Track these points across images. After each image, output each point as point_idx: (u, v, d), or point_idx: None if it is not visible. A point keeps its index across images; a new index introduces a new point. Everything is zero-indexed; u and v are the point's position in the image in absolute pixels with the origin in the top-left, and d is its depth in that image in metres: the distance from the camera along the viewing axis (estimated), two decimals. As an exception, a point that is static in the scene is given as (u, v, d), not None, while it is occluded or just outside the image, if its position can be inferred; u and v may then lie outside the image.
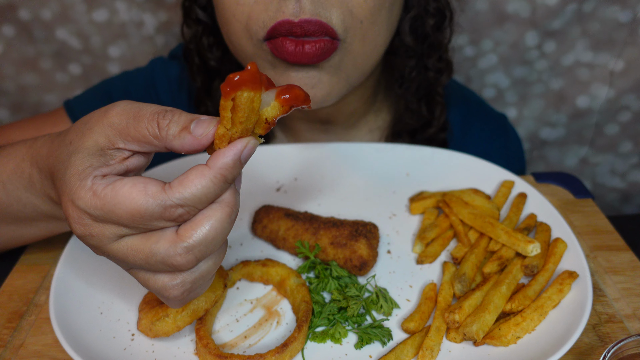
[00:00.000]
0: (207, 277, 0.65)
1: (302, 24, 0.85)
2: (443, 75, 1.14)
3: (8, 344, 0.82)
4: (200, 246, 0.60)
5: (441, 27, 1.09)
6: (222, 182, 0.59)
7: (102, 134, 0.63)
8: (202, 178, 0.58)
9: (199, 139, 0.60)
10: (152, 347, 0.78)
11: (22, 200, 0.79)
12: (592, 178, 1.79)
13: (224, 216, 0.60)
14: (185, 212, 0.59)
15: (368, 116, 1.23)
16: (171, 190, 0.58)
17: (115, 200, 0.58)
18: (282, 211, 0.97)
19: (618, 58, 1.54)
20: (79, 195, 0.60)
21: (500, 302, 0.79)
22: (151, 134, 0.61)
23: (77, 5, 1.55)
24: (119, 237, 0.61)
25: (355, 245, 0.88)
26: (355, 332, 0.80)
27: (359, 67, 0.98)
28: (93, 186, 0.60)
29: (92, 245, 0.63)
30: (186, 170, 0.59)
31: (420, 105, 1.17)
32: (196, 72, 1.19)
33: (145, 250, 0.60)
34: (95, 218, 0.60)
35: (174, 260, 0.60)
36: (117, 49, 1.64)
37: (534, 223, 0.95)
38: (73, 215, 0.61)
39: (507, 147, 1.34)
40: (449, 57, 1.15)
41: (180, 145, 0.61)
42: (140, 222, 0.59)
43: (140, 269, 0.64)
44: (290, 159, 1.13)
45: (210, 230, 0.60)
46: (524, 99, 1.68)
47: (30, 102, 1.72)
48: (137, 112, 0.62)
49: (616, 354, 0.69)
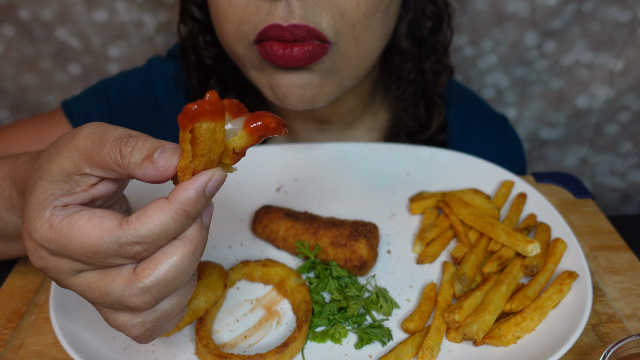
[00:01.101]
0: (171, 316, 0.61)
1: (290, 28, 0.85)
2: (441, 77, 1.14)
3: (8, 343, 0.82)
4: (158, 287, 0.56)
5: (438, 30, 1.09)
6: (183, 218, 0.55)
7: (68, 158, 0.60)
8: (160, 213, 0.54)
9: (160, 170, 0.56)
10: (152, 347, 0.78)
11: (4, 219, 0.78)
12: (592, 178, 1.80)
13: (186, 254, 0.56)
14: (143, 250, 0.55)
15: (365, 116, 1.23)
16: (127, 227, 0.54)
17: (70, 234, 0.55)
18: (282, 211, 0.97)
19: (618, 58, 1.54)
20: (35, 227, 0.57)
21: (500, 302, 0.79)
22: (113, 161, 0.58)
23: (77, 5, 1.55)
24: (77, 272, 0.58)
25: (355, 245, 0.88)
26: (355, 332, 0.80)
27: (352, 70, 0.97)
28: (51, 217, 0.57)
29: (52, 277, 0.60)
30: (146, 205, 0.56)
31: (418, 107, 1.17)
32: (192, 70, 1.19)
33: (101, 289, 0.57)
34: (51, 252, 0.57)
35: (129, 301, 0.56)
36: (117, 49, 1.65)
37: (533, 223, 0.95)
38: (30, 248, 0.58)
39: (507, 148, 1.34)
40: (446, 60, 1.14)
41: (143, 175, 0.57)
42: (95, 258, 0.56)
43: (100, 306, 0.61)
44: (290, 159, 1.13)
45: (169, 269, 0.56)
46: (524, 99, 1.68)
47: (30, 103, 1.72)
48: (101, 137, 0.59)
49: (616, 354, 0.69)
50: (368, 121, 1.25)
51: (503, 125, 1.37)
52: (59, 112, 1.25)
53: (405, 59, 1.10)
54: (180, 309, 0.62)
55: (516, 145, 1.38)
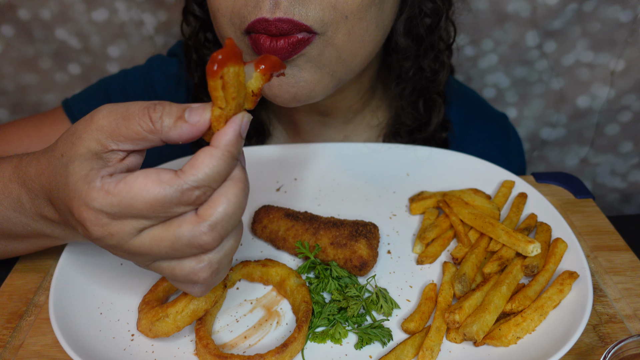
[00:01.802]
0: (230, 256, 0.66)
1: (276, 22, 0.85)
2: (439, 75, 1.13)
3: (7, 344, 0.81)
4: (222, 222, 0.61)
5: (436, 28, 1.08)
6: (230, 159, 0.60)
7: (92, 139, 0.63)
8: (211, 158, 0.59)
9: (196, 125, 0.61)
10: (151, 347, 0.78)
11: (12, 219, 0.79)
12: (593, 178, 1.79)
13: (239, 191, 0.62)
14: (202, 194, 0.60)
15: (365, 112, 1.23)
16: (185, 175, 0.59)
17: (132, 193, 0.58)
18: (282, 211, 0.97)
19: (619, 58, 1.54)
20: (91, 196, 0.59)
21: (500, 302, 0.79)
22: (145, 130, 0.61)
23: (76, 5, 1.55)
24: (139, 232, 0.61)
25: (355, 245, 0.88)
26: (355, 333, 0.80)
27: (344, 63, 0.95)
28: (104, 185, 0.60)
29: (111, 245, 0.63)
30: (193, 155, 0.60)
31: (417, 105, 1.17)
32: (193, 68, 1.19)
33: (170, 237, 0.61)
34: (112, 216, 0.60)
35: (200, 239, 0.60)
36: (117, 49, 1.64)
37: (534, 223, 0.95)
38: (90, 218, 0.60)
39: (507, 147, 1.34)
40: (445, 58, 1.13)
41: (178, 135, 0.61)
42: (161, 210, 0.59)
43: (165, 260, 0.64)
44: (290, 159, 1.13)
45: (229, 205, 0.61)
46: (525, 99, 1.68)
47: (29, 102, 1.72)
48: (124, 112, 0.62)
49: (617, 354, 0.69)
50: (368, 118, 1.25)
51: (503, 124, 1.36)
52: (59, 110, 1.25)
53: (404, 57, 1.09)
54: (236, 249, 0.67)
55: (516, 143, 1.38)
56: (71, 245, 0.91)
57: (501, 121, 1.37)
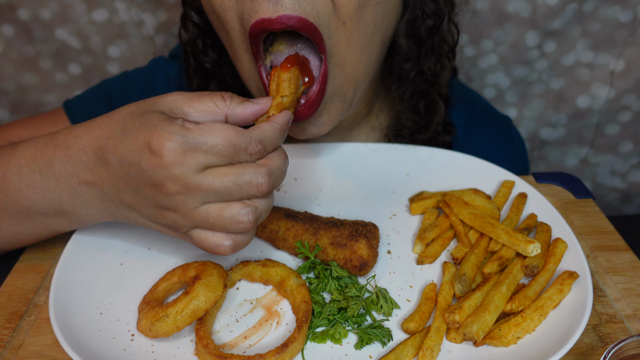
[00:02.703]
0: (268, 212, 0.78)
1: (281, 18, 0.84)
2: (440, 78, 1.12)
3: (7, 344, 0.81)
4: (275, 173, 0.75)
5: (438, 30, 1.07)
6: (282, 133, 0.77)
7: (165, 105, 0.73)
8: (272, 127, 0.75)
9: (261, 105, 0.76)
10: (151, 347, 0.78)
11: (34, 183, 0.81)
12: (593, 178, 1.79)
13: (284, 159, 0.77)
14: (262, 149, 0.74)
15: (369, 117, 1.23)
16: (252, 131, 0.73)
17: (213, 129, 0.70)
18: (282, 211, 0.97)
19: (619, 58, 1.54)
20: (174, 129, 0.69)
21: (500, 302, 0.79)
22: (215, 103, 0.74)
23: (76, 5, 1.55)
24: (205, 168, 0.70)
25: (355, 245, 0.88)
26: (355, 333, 0.80)
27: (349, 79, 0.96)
28: (185, 124, 0.70)
29: (174, 176, 0.70)
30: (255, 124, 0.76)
31: (418, 107, 1.16)
32: (192, 74, 1.20)
33: (234, 173, 0.71)
34: (189, 146, 0.69)
35: (258, 179, 0.72)
36: (117, 49, 1.64)
37: (534, 223, 0.95)
38: (168, 145, 0.68)
39: (511, 149, 1.33)
40: (446, 60, 1.12)
41: (243, 110, 0.75)
42: (232, 150, 0.71)
43: (215, 202, 0.73)
44: (290, 159, 1.12)
45: (281, 163, 0.76)
46: (524, 99, 1.68)
47: (29, 102, 1.72)
48: (197, 93, 0.75)
49: (617, 354, 0.69)
50: (372, 121, 1.24)
51: (507, 126, 1.36)
52: (60, 111, 1.25)
53: (405, 59, 1.09)
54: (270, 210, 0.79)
55: (520, 146, 1.38)
56: (71, 245, 0.91)
57: (505, 124, 1.36)
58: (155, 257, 0.93)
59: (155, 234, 0.96)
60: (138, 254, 0.93)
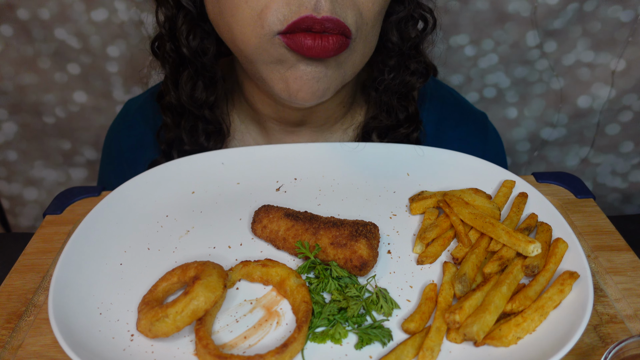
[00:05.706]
0: None
1: (323, 21, 0.88)
2: (421, 77, 1.17)
3: (7, 344, 0.81)
4: None
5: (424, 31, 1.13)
6: None
7: None
8: None
9: None
10: (151, 347, 0.78)
11: None
12: (594, 178, 1.79)
13: None
14: None
15: (343, 119, 1.24)
16: None
17: None
18: (282, 211, 0.97)
19: (619, 58, 1.54)
20: None
21: (500, 302, 0.79)
22: None
23: (75, 4, 1.55)
24: None
25: (356, 245, 0.87)
26: (356, 333, 0.80)
27: (356, 66, 1.01)
28: None
29: None
30: None
31: (394, 104, 1.18)
32: (165, 59, 1.13)
33: None
34: None
35: None
36: (116, 49, 1.64)
37: (534, 223, 0.95)
38: None
39: (484, 147, 1.31)
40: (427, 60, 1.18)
41: None
42: None
43: None
44: (290, 159, 1.12)
45: None
46: (525, 98, 1.68)
47: (29, 102, 1.72)
48: None
49: (617, 354, 0.69)
50: (346, 124, 1.25)
51: (482, 123, 1.34)
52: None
53: (389, 56, 1.13)
54: None
55: (495, 143, 1.35)
56: (71, 245, 0.90)
57: (479, 120, 1.34)
58: (155, 257, 0.93)
59: (155, 234, 0.96)
60: (138, 254, 0.93)
